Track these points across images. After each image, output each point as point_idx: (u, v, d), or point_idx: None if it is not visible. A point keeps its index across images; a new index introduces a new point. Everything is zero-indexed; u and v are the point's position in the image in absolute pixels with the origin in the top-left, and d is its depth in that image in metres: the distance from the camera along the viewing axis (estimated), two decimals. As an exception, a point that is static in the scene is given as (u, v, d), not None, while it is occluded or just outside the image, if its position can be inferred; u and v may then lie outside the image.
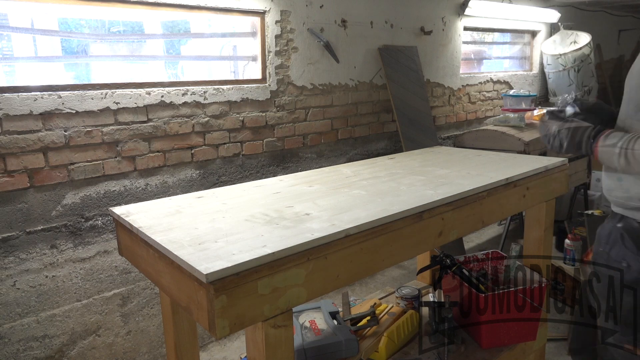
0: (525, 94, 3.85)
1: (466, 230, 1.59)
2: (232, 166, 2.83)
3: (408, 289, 2.16)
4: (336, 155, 3.42)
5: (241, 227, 1.23)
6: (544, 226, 2.01)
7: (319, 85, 3.21)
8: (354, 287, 3.39)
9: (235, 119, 2.78)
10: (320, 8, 3.12)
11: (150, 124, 2.45)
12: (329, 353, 1.70)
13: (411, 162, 2.04)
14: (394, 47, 3.66)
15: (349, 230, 1.19)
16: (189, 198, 1.57)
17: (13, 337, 2.14)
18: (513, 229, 4.27)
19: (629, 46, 7.26)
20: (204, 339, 2.78)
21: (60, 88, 2.16)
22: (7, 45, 2.19)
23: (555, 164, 1.93)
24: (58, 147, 2.17)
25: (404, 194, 1.50)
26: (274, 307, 1.05)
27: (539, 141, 3.28)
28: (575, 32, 5.16)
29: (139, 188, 2.47)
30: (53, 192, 2.19)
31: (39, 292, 2.19)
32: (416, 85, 3.73)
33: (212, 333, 0.98)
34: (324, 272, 1.14)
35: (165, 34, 2.73)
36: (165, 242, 1.14)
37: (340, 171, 1.91)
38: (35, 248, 2.17)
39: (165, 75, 2.73)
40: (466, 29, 4.45)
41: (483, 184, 1.60)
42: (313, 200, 1.46)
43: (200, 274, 0.95)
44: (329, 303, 2.01)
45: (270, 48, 2.90)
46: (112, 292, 2.42)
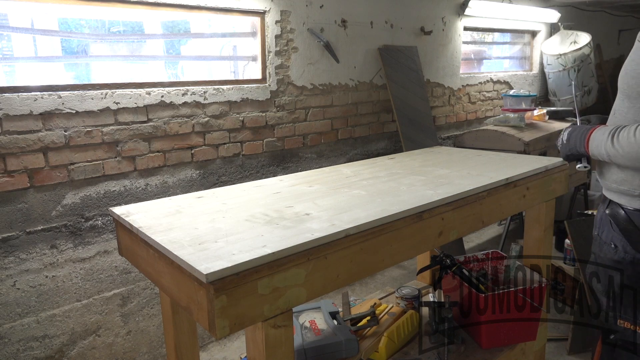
0: (525, 94, 3.85)
1: (466, 230, 1.59)
2: (232, 166, 2.83)
3: (408, 289, 2.16)
4: (336, 155, 3.42)
5: (241, 227, 1.23)
6: (544, 226, 2.01)
7: (319, 85, 3.21)
8: (354, 287, 3.39)
9: (235, 119, 2.78)
10: (320, 8, 3.12)
11: (150, 124, 2.45)
12: (329, 353, 1.70)
13: (411, 162, 2.04)
14: (394, 47, 3.66)
15: (349, 230, 1.19)
16: (189, 198, 1.57)
17: (13, 337, 2.14)
18: (513, 229, 4.27)
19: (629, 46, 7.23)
20: (204, 339, 2.78)
21: (60, 88, 2.17)
22: (7, 45, 2.19)
23: (555, 164, 1.93)
24: (58, 147, 2.17)
25: (404, 194, 1.50)
26: (274, 307, 1.05)
27: (539, 141, 3.28)
28: (575, 32, 5.16)
29: (139, 188, 2.47)
30: (53, 192, 2.19)
31: (39, 292, 2.19)
32: (416, 85, 3.73)
33: (212, 333, 0.98)
34: (324, 272, 1.14)
35: (165, 34, 2.73)
36: (165, 242, 1.14)
37: (340, 171, 1.91)
38: (35, 248, 2.17)
39: (165, 75, 2.73)
40: (466, 29, 4.45)
41: (483, 184, 1.60)
42: (313, 200, 1.46)
43: (200, 274, 0.95)
44: (329, 303, 2.01)
45: (270, 48, 2.90)
46: (112, 292, 2.42)
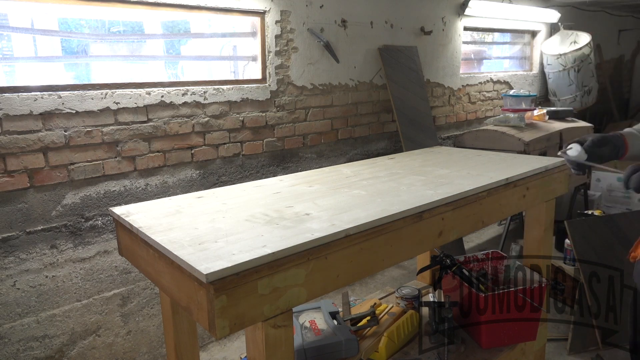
0: (525, 94, 3.85)
1: (466, 230, 1.59)
2: (232, 166, 2.83)
3: (408, 289, 2.16)
4: (336, 155, 3.42)
5: (241, 227, 1.23)
6: (544, 226, 2.01)
7: (319, 85, 3.21)
8: (354, 287, 3.39)
9: (235, 119, 2.78)
10: (320, 8, 3.12)
11: (150, 124, 2.45)
12: (329, 353, 1.70)
13: (411, 162, 2.04)
14: (394, 47, 3.66)
15: (348, 230, 1.19)
16: (189, 198, 1.57)
17: (13, 337, 2.14)
18: (513, 229, 4.27)
19: (629, 46, 7.25)
20: (204, 339, 2.78)
21: (60, 88, 2.16)
22: (7, 45, 2.19)
23: (555, 164, 1.93)
24: (58, 147, 2.17)
25: (404, 194, 1.50)
26: (274, 307, 1.05)
27: (539, 141, 3.28)
28: (575, 32, 5.16)
29: (139, 188, 2.47)
30: (53, 192, 2.19)
31: (39, 292, 2.19)
32: (416, 85, 3.73)
33: (212, 333, 0.98)
34: (324, 272, 1.14)
35: (165, 34, 2.73)
36: (165, 242, 1.14)
37: (340, 171, 1.91)
38: (35, 248, 2.17)
39: (165, 75, 2.73)
40: (466, 29, 4.45)
41: (483, 184, 1.60)
42: (313, 200, 1.46)
43: (200, 274, 0.95)
44: (329, 303, 2.01)
45: (270, 48, 2.90)
46: (112, 292, 2.42)
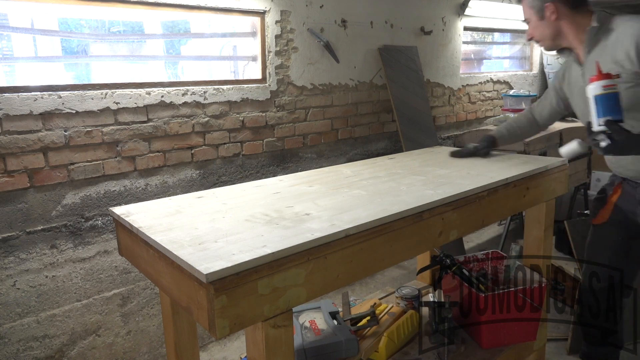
0: (525, 94, 3.85)
1: (466, 230, 1.59)
2: (232, 166, 2.83)
3: (408, 289, 2.16)
4: (336, 155, 3.42)
5: (241, 227, 1.23)
6: (544, 226, 2.01)
7: (319, 85, 3.21)
8: (354, 287, 3.39)
9: (235, 119, 2.78)
10: (320, 8, 3.12)
11: (150, 124, 2.45)
12: (329, 353, 1.70)
13: (411, 162, 2.04)
14: (394, 47, 3.66)
15: (348, 230, 1.19)
16: (189, 198, 1.57)
17: (13, 337, 2.14)
18: (513, 229, 4.27)
19: (629, 46, 7.23)
20: (204, 339, 2.78)
21: (60, 88, 2.16)
22: (7, 45, 2.19)
23: (555, 164, 1.93)
24: (58, 147, 2.17)
25: (404, 194, 1.50)
26: (274, 307, 1.05)
27: (539, 141, 3.28)
28: (575, 32, 5.15)
29: (139, 188, 2.47)
30: (53, 192, 2.19)
31: (39, 292, 2.19)
32: (416, 85, 3.73)
33: (212, 333, 0.98)
34: (324, 272, 1.14)
35: (165, 34, 2.73)
36: (165, 242, 1.14)
37: (340, 171, 1.91)
38: (35, 248, 2.17)
39: (165, 75, 2.73)
40: (466, 29, 4.45)
41: (483, 184, 1.60)
42: (313, 200, 1.46)
43: (200, 274, 0.95)
44: (329, 303, 2.01)
45: (270, 48, 2.90)
46: (112, 292, 2.42)
